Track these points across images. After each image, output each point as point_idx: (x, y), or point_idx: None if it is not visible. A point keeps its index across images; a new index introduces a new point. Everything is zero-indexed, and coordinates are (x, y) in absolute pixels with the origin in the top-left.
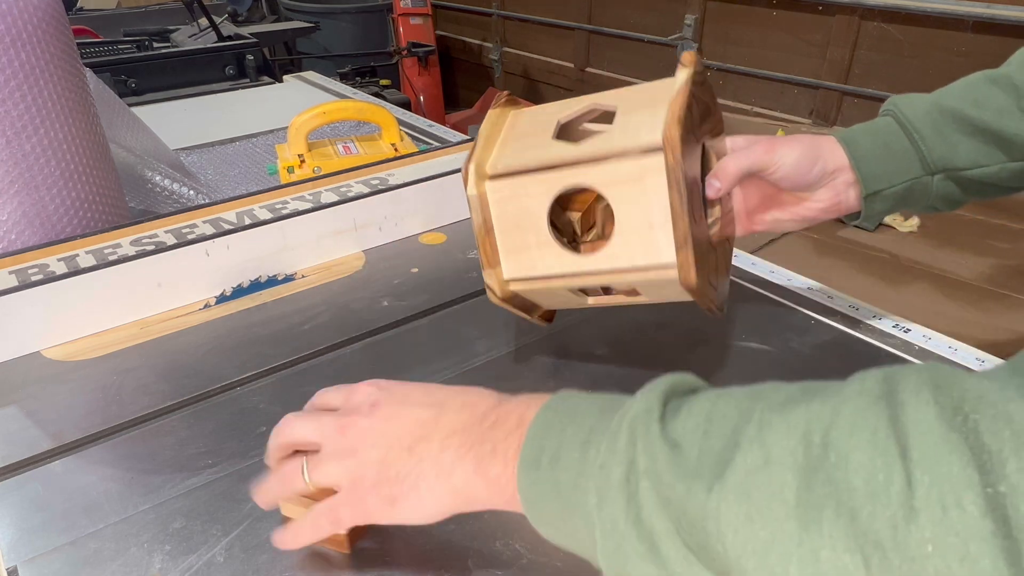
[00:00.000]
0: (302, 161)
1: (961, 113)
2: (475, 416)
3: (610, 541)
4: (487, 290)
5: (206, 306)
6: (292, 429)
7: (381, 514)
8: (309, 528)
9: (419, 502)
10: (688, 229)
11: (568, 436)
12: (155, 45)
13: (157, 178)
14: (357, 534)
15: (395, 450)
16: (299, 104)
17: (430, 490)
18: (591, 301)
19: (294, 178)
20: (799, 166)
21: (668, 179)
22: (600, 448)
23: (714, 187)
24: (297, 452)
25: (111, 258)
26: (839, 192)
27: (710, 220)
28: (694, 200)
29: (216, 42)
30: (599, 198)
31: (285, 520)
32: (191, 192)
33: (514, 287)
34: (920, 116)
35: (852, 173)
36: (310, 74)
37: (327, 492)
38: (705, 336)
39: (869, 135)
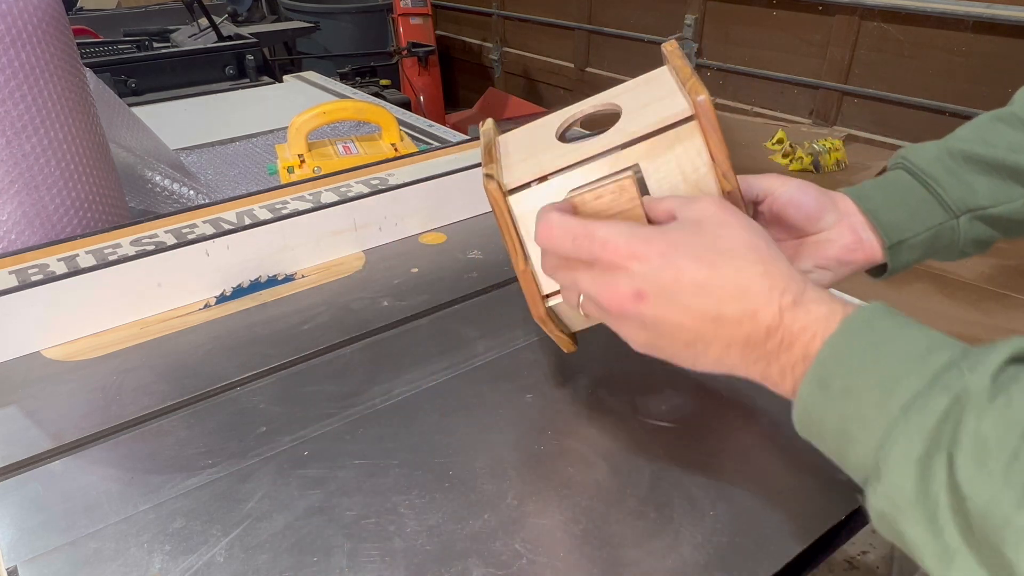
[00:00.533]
0: (302, 161)
1: (972, 153)
2: (758, 332)
3: (890, 500)
4: (484, 181)
5: (206, 306)
6: (549, 270)
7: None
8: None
9: (694, 368)
10: (695, 73)
11: (870, 373)
12: (155, 45)
13: (157, 178)
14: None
15: (668, 344)
16: (299, 104)
17: (707, 369)
18: None
19: (294, 178)
20: (802, 193)
21: (673, 56)
22: (908, 404)
23: None
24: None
25: (111, 258)
26: (857, 229)
27: None
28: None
29: (216, 42)
30: None
31: None
32: (191, 192)
33: (515, 207)
34: (930, 162)
35: (864, 217)
36: (310, 74)
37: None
38: None
39: (880, 188)
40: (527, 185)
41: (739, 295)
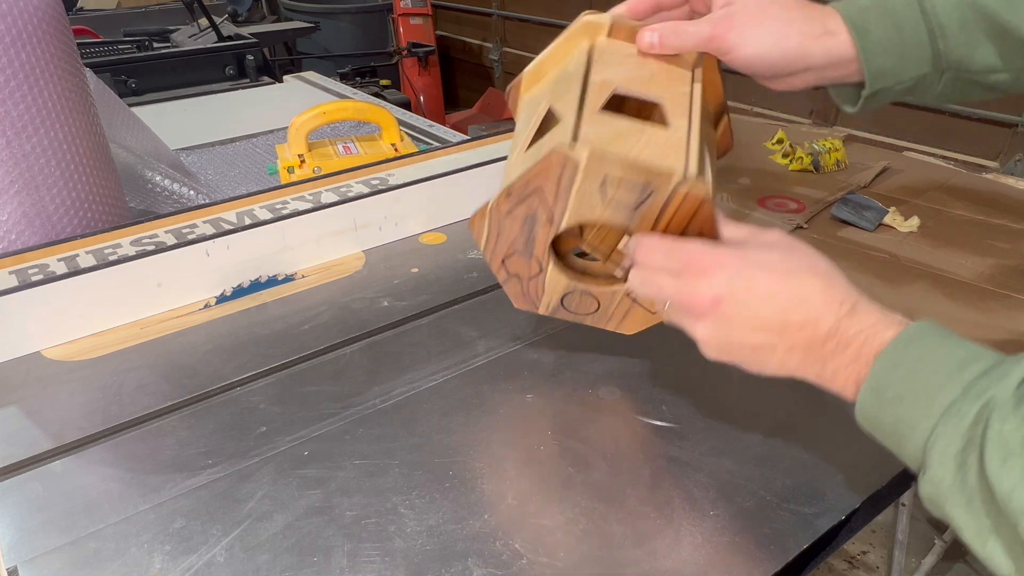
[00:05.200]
0: (302, 161)
1: (993, 13)
2: (817, 336)
3: (935, 487)
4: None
5: (206, 306)
6: (638, 282)
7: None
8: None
9: (759, 372)
10: None
11: (916, 383)
12: (155, 45)
13: (157, 178)
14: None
15: (738, 347)
16: (299, 104)
17: (771, 373)
18: None
19: (294, 178)
20: (769, 57)
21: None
22: (947, 409)
23: (644, 40)
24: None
25: (111, 258)
26: (830, 77)
27: None
28: None
29: (216, 42)
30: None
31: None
32: (191, 192)
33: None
34: (949, 9)
35: (856, 64)
36: (310, 74)
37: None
38: None
39: (881, 19)
40: None
41: (802, 304)
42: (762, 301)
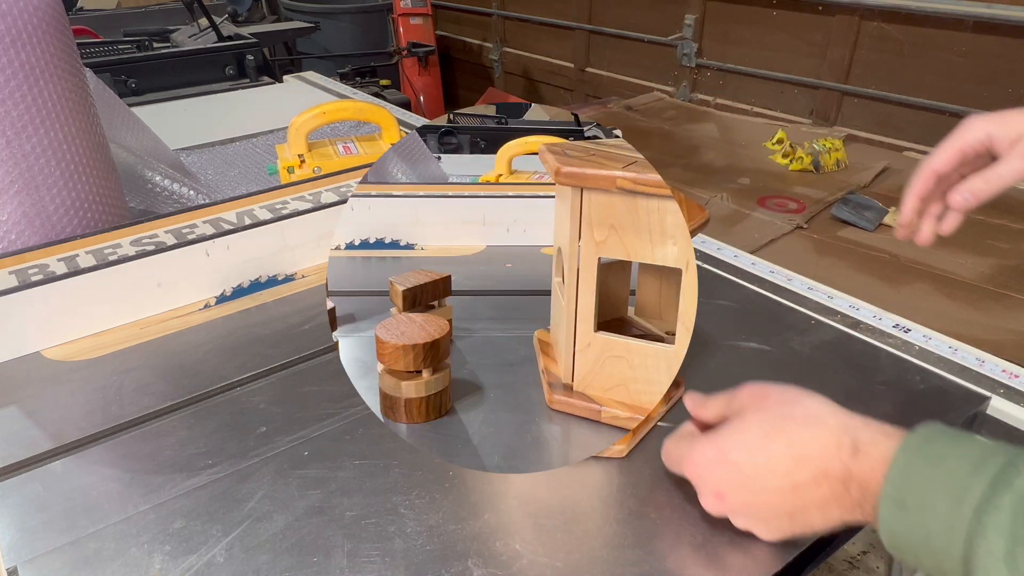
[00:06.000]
0: (302, 161)
1: None
2: (835, 485)
3: None
4: None
5: (206, 306)
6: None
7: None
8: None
9: (814, 532)
10: None
11: (937, 487)
12: (155, 45)
13: (157, 178)
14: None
15: (772, 518)
16: (299, 104)
17: (824, 529)
18: None
19: (294, 178)
20: None
21: None
22: (977, 507)
23: (959, 199)
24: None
25: (111, 258)
26: None
27: None
28: None
29: (216, 42)
30: None
31: None
32: (191, 192)
33: None
34: None
35: None
36: (310, 74)
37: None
38: (705, 337)
39: None
40: None
41: (802, 464)
42: (761, 478)
